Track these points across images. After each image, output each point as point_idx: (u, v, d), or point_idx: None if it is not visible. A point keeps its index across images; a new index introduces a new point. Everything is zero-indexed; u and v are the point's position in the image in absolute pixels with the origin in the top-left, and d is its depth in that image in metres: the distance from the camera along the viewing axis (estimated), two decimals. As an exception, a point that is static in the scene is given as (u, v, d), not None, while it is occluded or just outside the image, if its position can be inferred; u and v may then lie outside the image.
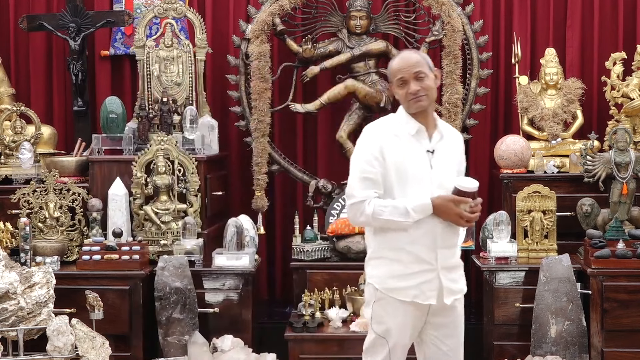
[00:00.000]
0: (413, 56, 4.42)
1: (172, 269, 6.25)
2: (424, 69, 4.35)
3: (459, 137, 4.57)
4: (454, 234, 4.42)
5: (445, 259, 4.40)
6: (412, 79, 4.34)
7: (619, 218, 6.43)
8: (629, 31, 7.67)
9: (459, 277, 4.47)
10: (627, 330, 6.14)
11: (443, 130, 4.44)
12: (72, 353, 5.62)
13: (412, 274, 4.38)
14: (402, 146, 4.35)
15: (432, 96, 4.39)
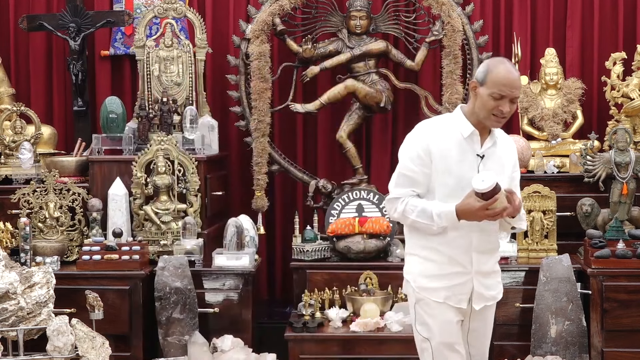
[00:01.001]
0: (517, 77, 4.31)
1: (172, 269, 6.25)
2: (519, 93, 4.32)
3: (512, 146, 4.48)
4: (492, 239, 4.40)
5: (480, 263, 4.37)
6: (509, 99, 4.25)
7: (619, 218, 6.43)
8: (629, 31, 7.67)
9: (494, 284, 4.44)
10: (627, 330, 6.14)
11: (497, 137, 4.37)
12: (72, 353, 5.61)
13: (445, 275, 4.38)
14: (451, 147, 4.31)
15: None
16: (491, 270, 4.43)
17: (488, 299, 4.42)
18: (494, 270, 4.44)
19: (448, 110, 7.08)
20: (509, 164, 4.40)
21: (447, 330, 4.41)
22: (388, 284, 6.55)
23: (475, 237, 4.33)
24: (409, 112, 7.80)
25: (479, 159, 4.30)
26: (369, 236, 6.67)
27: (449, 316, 4.40)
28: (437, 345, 4.42)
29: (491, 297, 4.44)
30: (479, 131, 4.33)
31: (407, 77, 7.60)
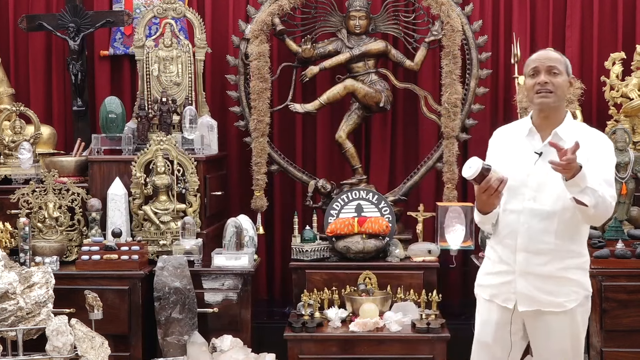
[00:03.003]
0: (553, 53, 4.40)
1: (171, 269, 6.25)
2: (560, 66, 4.32)
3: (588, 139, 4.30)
4: (547, 239, 4.31)
5: (530, 264, 4.33)
6: (545, 71, 4.30)
7: (618, 218, 6.43)
8: (628, 31, 7.67)
9: (557, 290, 4.34)
10: (627, 330, 6.14)
11: (565, 133, 4.32)
12: (71, 353, 5.62)
13: (495, 273, 4.47)
14: (511, 146, 4.38)
15: (560, 95, 4.33)
16: (552, 274, 4.32)
17: (543, 303, 4.34)
18: (559, 276, 4.32)
19: (447, 110, 7.10)
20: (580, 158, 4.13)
21: (485, 329, 4.52)
22: (387, 284, 6.56)
23: (522, 236, 4.32)
24: (408, 112, 7.80)
25: (537, 157, 4.31)
26: (368, 236, 6.68)
27: (491, 316, 4.49)
28: (476, 342, 4.57)
29: (552, 303, 4.34)
30: (541, 129, 4.35)
31: (407, 77, 7.60)
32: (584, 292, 4.39)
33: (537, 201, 4.31)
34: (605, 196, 4.13)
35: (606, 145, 4.36)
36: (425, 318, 6.21)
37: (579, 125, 4.47)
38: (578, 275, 4.36)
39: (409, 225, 7.35)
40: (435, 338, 6.10)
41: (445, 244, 6.74)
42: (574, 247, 4.34)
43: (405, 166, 7.82)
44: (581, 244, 4.39)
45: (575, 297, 4.36)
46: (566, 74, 4.35)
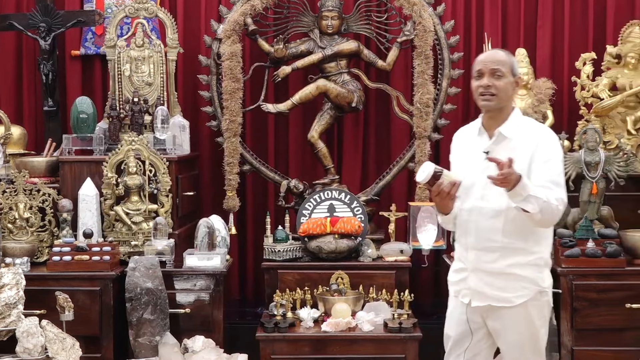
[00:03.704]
0: (499, 54, 4.47)
1: (143, 269, 6.23)
2: (503, 68, 4.38)
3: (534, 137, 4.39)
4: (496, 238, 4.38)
5: (479, 261, 4.43)
6: (489, 74, 4.38)
7: (589, 217, 6.46)
8: (599, 32, 7.71)
9: (508, 286, 4.40)
10: (597, 329, 6.17)
11: (510, 131, 4.39)
12: (42, 355, 5.59)
13: (455, 270, 4.62)
14: (465, 146, 4.50)
15: (503, 97, 4.39)
16: (501, 271, 4.39)
17: (495, 299, 4.42)
18: (507, 272, 4.39)
19: (420, 110, 7.11)
20: (525, 156, 4.32)
21: (449, 322, 4.69)
22: (359, 284, 6.56)
23: (473, 235, 4.42)
24: (380, 112, 7.82)
25: (485, 156, 4.35)
26: (340, 236, 6.68)
27: (454, 310, 4.64)
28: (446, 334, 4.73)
29: (501, 298, 4.41)
30: (489, 129, 4.44)
31: (379, 77, 7.62)
32: (535, 288, 4.42)
33: (485, 199, 4.39)
34: (550, 201, 4.20)
35: (551, 143, 4.40)
36: (398, 318, 6.21)
37: (525, 122, 4.50)
38: (528, 272, 4.40)
39: (381, 225, 7.37)
40: (408, 337, 6.10)
41: (417, 244, 6.77)
42: (523, 245, 4.39)
43: (377, 166, 7.83)
44: (534, 241, 4.41)
45: (525, 292, 4.40)
46: (511, 74, 4.41)
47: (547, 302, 4.50)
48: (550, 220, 4.29)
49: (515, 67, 4.44)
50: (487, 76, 4.38)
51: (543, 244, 4.46)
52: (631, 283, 6.18)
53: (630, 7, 7.68)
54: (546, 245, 4.48)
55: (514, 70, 4.43)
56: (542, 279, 4.44)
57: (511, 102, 4.47)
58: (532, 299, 4.42)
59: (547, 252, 4.48)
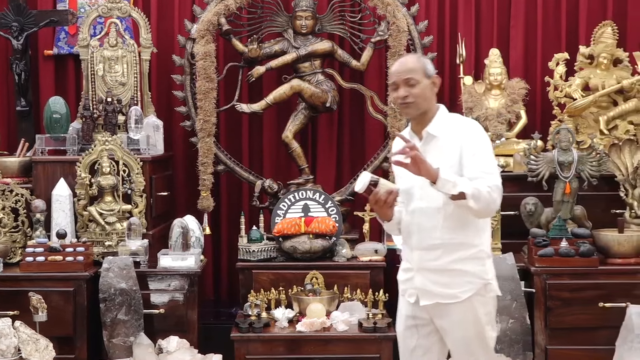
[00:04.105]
0: (409, 61, 4.46)
1: (117, 270, 6.21)
2: (416, 75, 4.38)
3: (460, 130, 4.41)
4: (435, 235, 4.40)
5: (423, 260, 4.44)
6: (403, 84, 4.38)
7: (562, 217, 6.49)
8: (572, 32, 7.75)
9: (452, 282, 4.40)
10: (570, 328, 6.20)
11: (437, 129, 4.41)
12: (15, 356, 5.56)
13: (402, 270, 4.61)
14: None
15: (421, 103, 4.40)
16: (444, 268, 4.40)
17: (441, 296, 4.42)
18: (451, 269, 4.39)
19: (394, 110, 7.12)
20: (454, 152, 4.35)
21: (398, 320, 4.65)
22: (334, 284, 6.56)
23: (415, 235, 4.45)
24: (354, 112, 7.83)
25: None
26: (315, 236, 6.68)
27: (401, 309, 4.61)
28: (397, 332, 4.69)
29: (447, 295, 4.41)
30: (418, 131, 4.46)
31: (353, 77, 7.63)
32: (480, 282, 4.41)
33: (424, 199, 4.42)
34: (480, 188, 4.20)
35: (476, 135, 4.41)
36: (372, 317, 6.22)
37: (452, 119, 4.51)
38: (471, 266, 4.40)
39: (355, 225, 7.38)
40: (382, 337, 6.11)
41: (391, 244, 6.78)
42: (463, 239, 4.39)
43: (351, 166, 7.84)
44: (474, 235, 4.41)
45: (470, 287, 4.40)
46: (426, 77, 4.41)
47: (492, 298, 4.48)
48: (487, 208, 4.28)
49: (428, 69, 4.44)
50: (402, 86, 4.39)
51: (483, 236, 4.46)
52: (604, 282, 6.23)
53: (603, 8, 7.73)
54: (486, 238, 4.49)
55: (428, 72, 4.43)
56: (485, 271, 4.43)
57: (433, 103, 4.49)
58: (477, 293, 4.41)
59: (487, 244, 4.49)
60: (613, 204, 6.77)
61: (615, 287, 6.21)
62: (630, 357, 5.74)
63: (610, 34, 7.33)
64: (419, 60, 4.47)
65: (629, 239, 6.36)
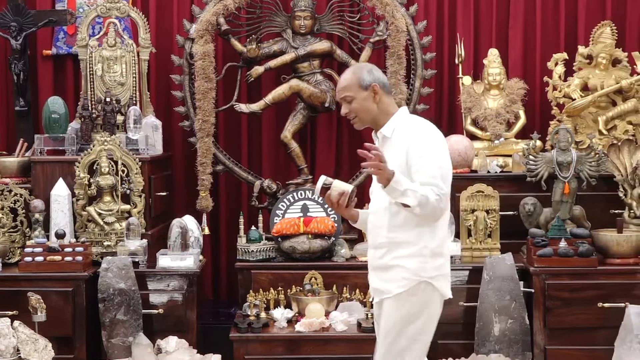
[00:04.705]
0: (343, 78, 4.53)
1: (116, 270, 6.21)
2: (350, 92, 4.45)
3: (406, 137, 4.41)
4: (382, 233, 4.45)
5: (373, 258, 4.53)
6: (343, 101, 4.49)
7: (561, 217, 6.49)
8: (571, 32, 7.75)
9: (391, 278, 4.43)
10: (570, 328, 6.21)
11: (389, 131, 4.46)
12: (14, 356, 5.56)
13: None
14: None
15: (363, 116, 4.48)
16: (387, 264, 4.45)
17: (382, 292, 4.48)
18: (393, 265, 4.42)
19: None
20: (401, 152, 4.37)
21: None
22: (333, 284, 6.56)
23: (370, 235, 4.56)
24: (353, 112, 7.81)
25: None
26: (313, 236, 6.68)
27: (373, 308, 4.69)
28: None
29: (386, 290, 4.46)
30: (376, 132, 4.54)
31: (352, 77, 7.61)
32: (416, 279, 4.39)
33: (376, 200, 4.51)
34: (427, 195, 4.21)
35: (423, 139, 4.40)
36: (371, 317, 6.20)
37: (407, 120, 4.51)
38: (409, 263, 4.39)
39: (354, 225, 7.37)
40: (381, 337, 6.11)
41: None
42: (406, 238, 4.40)
43: (350, 166, 7.83)
44: (418, 234, 4.39)
45: (405, 283, 4.40)
46: (362, 90, 4.44)
47: (428, 297, 4.45)
48: (432, 214, 4.29)
49: (362, 81, 4.44)
50: (343, 104, 4.50)
51: (428, 235, 4.41)
52: (603, 282, 6.23)
53: (601, 8, 7.73)
54: (432, 237, 4.42)
55: (363, 84, 4.44)
56: (424, 269, 4.40)
57: (383, 109, 4.49)
58: (410, 292, 4.40)
59: (433, 242, 4.43)
60: (612, 204, 6.77)
61: (614, 287, 6.22)
62: (629, 357, 5.73)
63: (609, 34, 7.33)
64: (353, 74, 4.50)
65: (628, 239, 6.37)
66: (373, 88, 4.44)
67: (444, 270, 4.48)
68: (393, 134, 4.46)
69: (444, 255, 4.48)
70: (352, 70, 4.56)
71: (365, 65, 4.63)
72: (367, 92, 4.44)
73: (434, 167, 4.31)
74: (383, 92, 4.48)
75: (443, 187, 4.29)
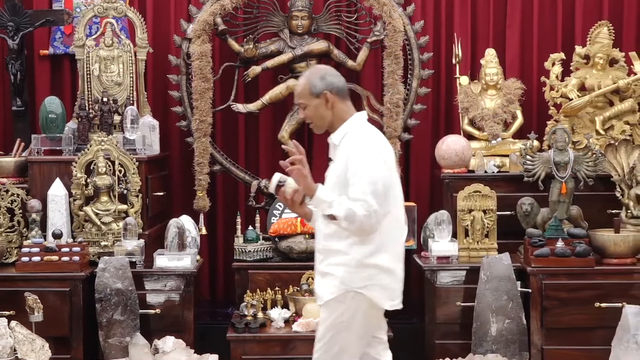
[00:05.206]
0: (298, 85, 4.55)
1: (113, 270, 6.20)
2: (303, 99, 4.48)
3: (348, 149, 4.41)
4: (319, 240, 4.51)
5: (316, 261, 4.56)
6: (300, 108, 4.55)
7: (558, 217, 6.49)
8: (568, 32, 7.76)
9: (324, 284, 4.47)
10: (567, 328, 6.21)
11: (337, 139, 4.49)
12: (11, 356, 5.56)
13: None
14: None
15: (318, 121, 4.52)
16: (323, 270, 4.48)
17: (319, 297, 4.51)
18: (326, 272, 4.46)
19: (390, 110, 7.12)
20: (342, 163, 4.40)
21: None
22: (330, 284, 6.55)
23: (316, 237, 4.56)
24: (350, 112, 7.81)
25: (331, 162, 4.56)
26: (311, 236, 6.66)
27: None
28: None
29: (320, 296, 4.50)
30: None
31: (349, 77, 7.57)
32: (343, 287, 4.40)
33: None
34: (354, 210, 4.23)
35: (359, 153, 4.37)
36: (368, 317, 6.21)
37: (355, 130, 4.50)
38: (338, 271, 4.41)
39: (351, 225, 7.35)
40: (378, 337, 6.10)
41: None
42: (337, 247, 4.41)
43: (347, 166, 7.82)
44: (348, 245, 4.39)
45: (333, 290, 4.42)
46: (313, 97, 4.46)
47: (356, 307, 4.43)
48: (360, 229, 4.30)
49: (314, 88, 4.45)
50: (300, 111, 4.56)
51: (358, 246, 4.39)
52: (600, 282, 6.23)
53: (599, 8, 7.74)
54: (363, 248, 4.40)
55: (314, 90, 4.45)
56: (352, 280, 4.40)
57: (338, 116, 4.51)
58: (337, 299, 4.41)
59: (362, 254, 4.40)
60: (609, 204, 6.78)
61: (611, 287, 6.22)
62: (626, 357, 5.73)
63: (606, 34, 7.33)
64: (306, 81, 4.49)
65: (625, 239, 6.37)
66: (325, 96, 4.44)
67: (377, 281, 4.44)
68: (342, 141, 4.47)
69: (377, 267, 4.44)
70: (306, 76, 4.54)
71: (320, 71, 4.56)
72: (318, 99, 4.45)
73: (365, 183, 4.29)
74: (337, 98, 4.48)
75: (373, 203, 4.26)
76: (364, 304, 4.43)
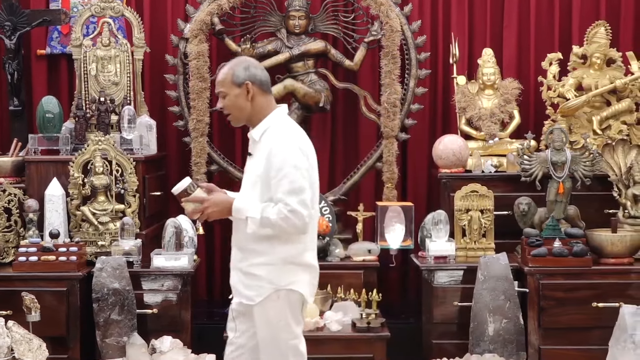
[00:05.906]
0: (220, 73, 4.51)
1: (110, 270, 6.20)
2: (223, 88, 4.45)
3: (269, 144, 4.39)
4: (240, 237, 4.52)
5: (235, 259, 4.59)
6: (219, 96, 4.50)
7: (556, 217, 6.49)
8: (565, 32, 7.76)
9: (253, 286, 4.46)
10: (564, 328, 6.21)
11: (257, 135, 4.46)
12: (8, 356, 5.55)
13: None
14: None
15: (236, 113, 4.48)
16: (245, 270, 4.49)
17: (244, 296, 4.51)
18: (249, 272, 4.47)
19: (387, 110, 7.13)
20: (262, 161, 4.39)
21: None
22: (327, 284, 6.54)
23: (234, 235, 4.60)
24: (347, 112, 7.83)
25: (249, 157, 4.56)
26: (307, 236, 6.66)
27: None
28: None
29: (247, 296, 4.49)
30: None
31: (346, 77, 7.62)
32: (270, 287, 4.42)
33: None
34: (269, 217, 4.29)
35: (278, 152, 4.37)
36: (366, 317, 6.22)
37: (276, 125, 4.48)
38: (263, 271, 4.43)
39: (349, 224, 7.36)
40: (375, 337, 6.11)
41: (385, 244, 6.78)
42: (256, 247, 4.44)
43: (345, 166, 7.84)
44: (268, 244, 4.42)
45: (261, 291, 4.44)
46: (235, 86, 4.43)
47: (287, 304, 4.46)
48: (283, 231, 4.34)
49: (236, 77, 4.42)
50: (219, 99, 4.49)
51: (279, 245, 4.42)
52: (597, 282, 6.24)
53: (596, 8, 7.75)
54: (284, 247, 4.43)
55: (236, 80, 4.42)
56: (279, 278, 4.42)
57: (258, 109, 4.48)
58: (269, 299, 4.43)
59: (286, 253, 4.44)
60: (606, 204, 6.78)
61: (608, 287, 6.23)
62: (623, 357, 5.73)
63: (604, 34, 7.34)
64: (229, 70, 4.47)
65: (622, 238, 6.37)
66: (246, 86, 4.42)
67: (303, 278, 4.50)
68: (262, 137, 4.44)
69: (302, 264, 4.50)
70: (230, 65, 4.51)
71: (244, 62, 4.53)
72: (239, 89, 4.42)
73: (285, 182, 4.31)
74: (258, 91, 4.45)
75: (291, 203, 4.28)
76: (295, 300, 4.48)
